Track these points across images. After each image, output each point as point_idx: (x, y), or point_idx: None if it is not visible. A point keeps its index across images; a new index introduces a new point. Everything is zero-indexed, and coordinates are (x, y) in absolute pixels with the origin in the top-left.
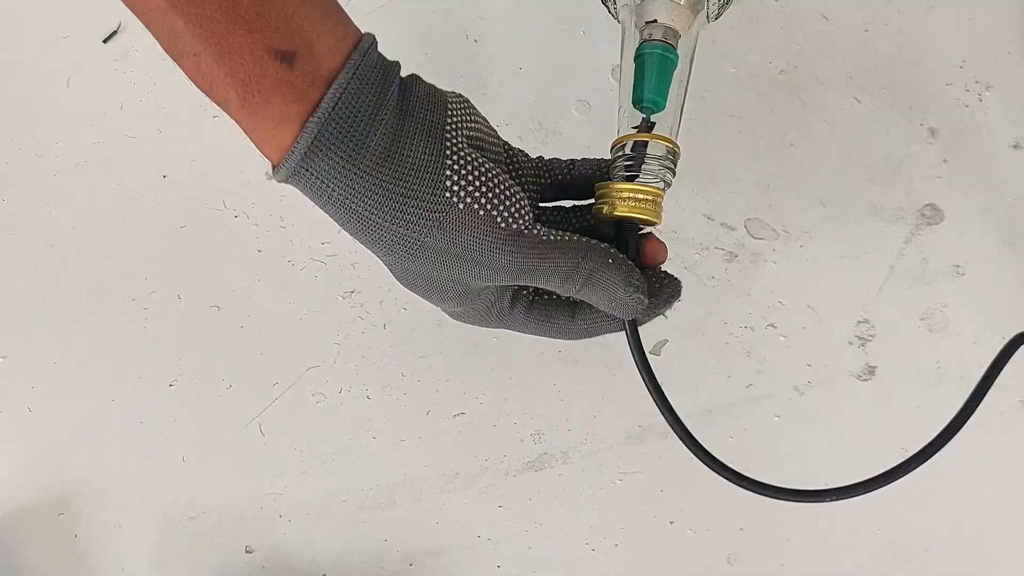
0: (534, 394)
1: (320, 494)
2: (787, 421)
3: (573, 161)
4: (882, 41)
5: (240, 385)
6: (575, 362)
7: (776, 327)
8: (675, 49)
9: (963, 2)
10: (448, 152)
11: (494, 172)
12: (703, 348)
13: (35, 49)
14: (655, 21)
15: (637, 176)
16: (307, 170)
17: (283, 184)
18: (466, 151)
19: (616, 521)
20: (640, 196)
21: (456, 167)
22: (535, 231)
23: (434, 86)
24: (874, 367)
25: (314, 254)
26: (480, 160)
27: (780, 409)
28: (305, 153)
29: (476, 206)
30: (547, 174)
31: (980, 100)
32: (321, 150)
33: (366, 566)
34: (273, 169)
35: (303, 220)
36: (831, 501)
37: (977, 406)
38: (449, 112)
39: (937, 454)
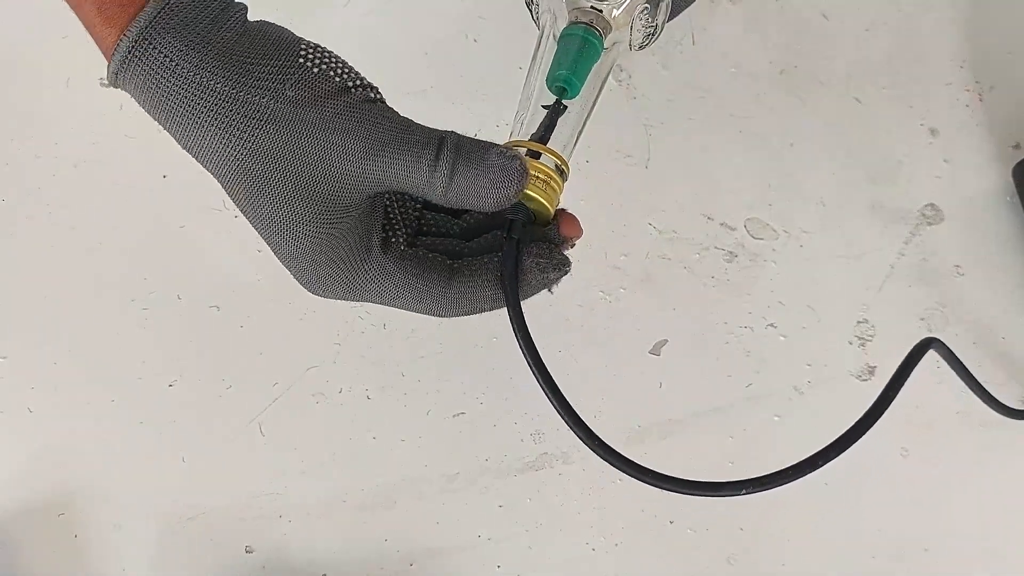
0: (534, 394)
1: (320, 494)
2: (787, 421)
3: None
4: (882, 41)
5: (240, 385)
6: (575, 362)
7: (776, 327)
8: (601, 39)
9: (963, 2)
10: (302, 41)
11: (347, 62)
12: (703, 348)
13: (34, 49)
14: (584, 8)
15: (542, 150)
16: (151, 44)
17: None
18: (320, 46)
19: (616, 521)
20: (536, 173)
21: (309, 48)
22: (390, 108)
23: None
24: (874, 367)
25: None
26: (333, 53)
27: (780, 409)
28: (152, 21)
29: (331, 73)
30: None
31: (980, 100)
32: (169, 24)
33: (366, 566)
34: (108, 63)
35: None
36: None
37: (887, 407)
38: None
39: (842, 454)
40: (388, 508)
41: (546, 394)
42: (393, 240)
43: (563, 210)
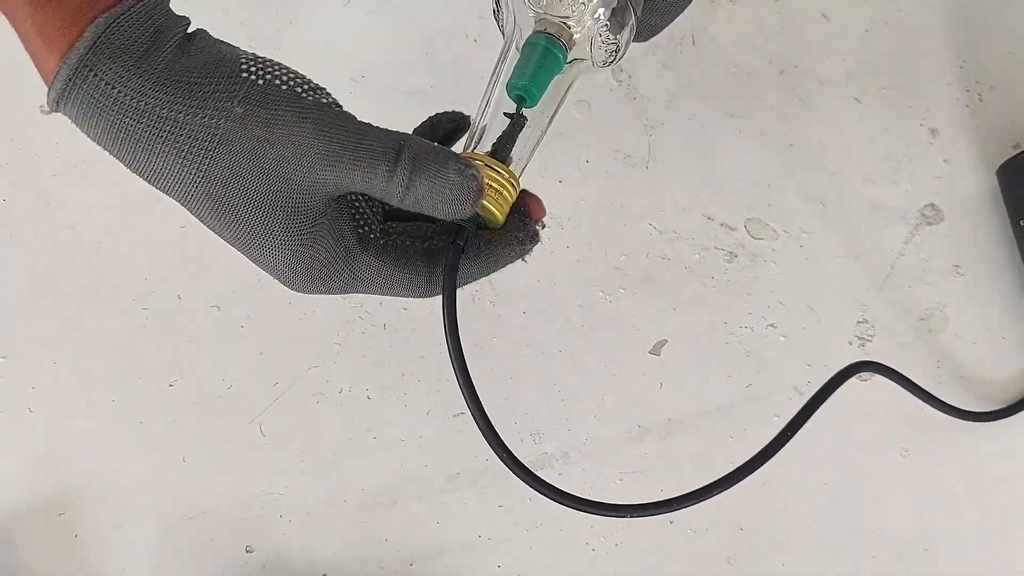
0: (534, 394)
1: (320, 494)
2: (787, 421)
3: None
4: (882, 41)
5: (240, 385)
6: (575, 362)
7: (776, 327)
8: (565, 51)
9: (963, 2)
10: (242, 53)
11: (293, 69)
12: (703, 348)
13: None
14: (547, 18)
15: (496, 166)
16: (92, 71)
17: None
18: (262, 57)
19: (616, 521)
20: (491, 183)
21: (251, 60)
22: (345, 112)
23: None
24: None
25: None
26: (277, 61)
27: (780, 409)
28: (92, 47)
29: (277, 82)
30: None
31: (980, 100)
32: (109, 49)
33: (366, 566)
34: (48, 89)
35: None
36: (631, 516)
37: (799, 427)
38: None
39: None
40: (388, 508)
41: (463, 393)
42: (372, 236)
43: (527, 191)
